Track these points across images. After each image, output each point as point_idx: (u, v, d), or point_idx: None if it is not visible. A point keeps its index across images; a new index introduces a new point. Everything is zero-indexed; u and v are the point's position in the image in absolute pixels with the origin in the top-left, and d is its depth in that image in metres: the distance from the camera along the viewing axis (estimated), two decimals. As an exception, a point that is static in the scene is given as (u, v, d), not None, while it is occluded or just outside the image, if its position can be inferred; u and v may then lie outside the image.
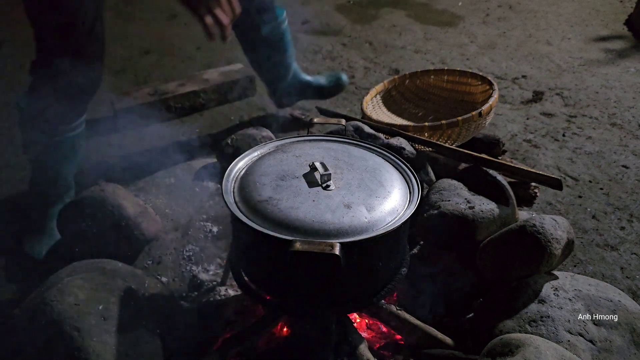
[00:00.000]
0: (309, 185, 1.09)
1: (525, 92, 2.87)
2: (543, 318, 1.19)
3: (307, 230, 0.98)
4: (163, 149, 2.36)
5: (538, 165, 2.21)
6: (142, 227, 1.55)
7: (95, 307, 1.14)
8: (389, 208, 1.06)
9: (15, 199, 2.05)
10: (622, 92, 2.80)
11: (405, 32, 3.75)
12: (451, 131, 1.81)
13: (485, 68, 3.17)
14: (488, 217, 1.41)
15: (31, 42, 1.58)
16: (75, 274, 1.25)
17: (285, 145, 1.30)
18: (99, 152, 2.37)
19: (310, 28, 3.78)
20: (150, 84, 2.81)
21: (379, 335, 1.34)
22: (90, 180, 2.13)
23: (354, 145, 1.31)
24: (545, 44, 3.50)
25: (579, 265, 1.67)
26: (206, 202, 1.75)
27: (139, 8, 4.13)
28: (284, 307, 1.13)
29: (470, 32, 3.75)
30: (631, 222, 1.86)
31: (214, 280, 1.48)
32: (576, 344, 1.13)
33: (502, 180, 1.59)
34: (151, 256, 1.56)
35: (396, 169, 1.22)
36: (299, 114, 2.58)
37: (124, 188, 1.63)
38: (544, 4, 4.26)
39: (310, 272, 1.02)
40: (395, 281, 1.15)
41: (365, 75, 3.11)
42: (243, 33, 2.15)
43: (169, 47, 3.49)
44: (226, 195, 1.09)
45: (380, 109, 2.25)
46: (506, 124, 2.54)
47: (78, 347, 1.06)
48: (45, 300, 1.12)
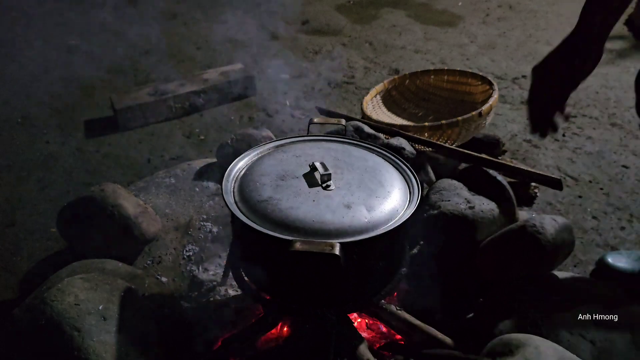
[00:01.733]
0: (309, 185, 1.09)
1: (525, 92, 2.86)
2: (543, 318, 1.19)
3: (307, 230, 0.98)
4: (163, 148, 2.36)
5: (538, 165, 2.21)
6: (142, 227, 1.55)
7: (95, 307, 1.13)
8: (389, 208, 1.06)
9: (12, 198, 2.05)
10: (622, 92, 2.80)
11: (405, 32, 3.75)
12: (451, 131, 1.81)
13: (485, 68, 3.17)
14: (488, 217, 1.41)
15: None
16: (75, 274, 1.25)
17: (285, 145, 1.30)
18: (99, 152, 2.37)
19: (310, 28, 3.78)
20: (150, 84, 2.81)
21: (379, 335, 1.34)
22: (90, 180, 2.14)
23: (354, 145, 1.31)
24: (545, 44, 3.50)
25: (579, 265, 1.67)
26: (206, 202, 1.75)
27: (139, 8, 4.13)
28: (284, 307, 1.12)
29: (470, 32, 3.75)
30: (631, 222, 1.86)
31: (214, 280, 1.48)
32: (576, 344, 1.13)
33: (502, 180, 1.59)
34: (151, 256, 1.56)
35: (396, 169, 1.22)
36: (299, 114, 2.58)
37: (124, 188, 1.63)
38: (544, 4, 4.25)
39: (310, 272, 1.02)
40: (395, 281, 1.15)
41: (365, 75, 3.11)
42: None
43: (169, 47, 3.49)
44: (226, 195, 1.08)
45: (380, 109, 2.25)
46: (506, 124, 2.54)
47: (78, 347, 1.06)
48: (45, 300, 1.12)
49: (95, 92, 2.93)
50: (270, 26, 3.56)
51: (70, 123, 2.62)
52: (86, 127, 2.59)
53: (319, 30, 3.78)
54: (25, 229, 1.87)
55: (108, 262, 1.34)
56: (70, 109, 2.75)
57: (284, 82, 3.02)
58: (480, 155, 1.61)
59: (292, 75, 3.09)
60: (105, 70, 3.17)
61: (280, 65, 3.21)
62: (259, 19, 3.75)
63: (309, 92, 2.87)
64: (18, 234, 1.85)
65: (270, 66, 3.23)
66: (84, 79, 3.07)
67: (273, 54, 3.36)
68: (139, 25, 3.67)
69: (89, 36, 3.64)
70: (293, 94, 2.87)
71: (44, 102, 2.81)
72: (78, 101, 2.83)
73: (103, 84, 3.02)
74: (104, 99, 2.77)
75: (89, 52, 3.42)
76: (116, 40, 3.54)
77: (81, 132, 2.54)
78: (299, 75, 3.08)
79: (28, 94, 2.90)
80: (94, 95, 2.89)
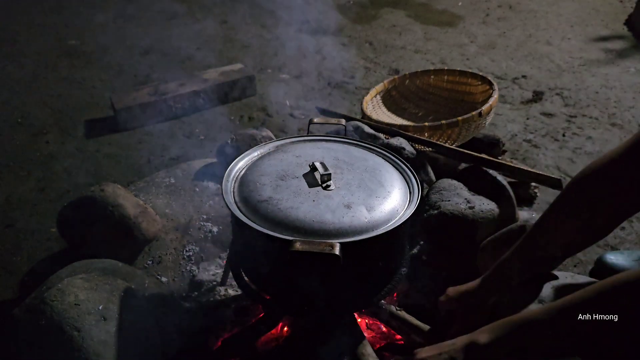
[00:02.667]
0: (309, 185, 1.09)
1: (525, 92, 2.87)
2: (543, 318, 1.18)
3: (307, 230, 0.98)
4: (163, 149, 2.36)
5: (538, 165, 2.21)
6: (142, 227, 1.55)
7: (95, 307, 1.13)
8: (389, 208, 1.06)
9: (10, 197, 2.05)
10: (622, 92, 2.80)
11: (405, 32, 3.75)
12: (451, 131, 1.81)
13: (485, 68, 3.17)
14: (488, 217, 1.41)
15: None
16: (75, 274, 1.25)
17: (285, 145, 1.30)
18: (99, 152, 2.37)
19: (310, 28, 3.78)
20: (150, 84, 2.81)
21: (379, 335, 1.34)
22: (90, 180, 2.14)
23: (354, 145, 1.31)
24: (545, 44, 3.50)
25: (579, 265, 1.67)
26: (206, 202, 1.75)
27: (139, 8, 4.13)
28: (284, 307, 1.12)
29: (470, 32, 3.75)
30: (631, 222, 1.86)
31: (214, 280, 1.48)
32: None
33: (502, 180, 1.59)
34: (151, 256, 1.56)
35: (396, 169, 1.22)
36: (299, 114, 2.58)
37: (124, 188, 1.63)
38: (544, 4, 4.26)
39: (310, 272, 1.02)
40: (395, 281, 1.15)
41: (365, 75, 3.11)
42: None
43: (169, 47, 3.49)
44: (226, 195, 1.08)
45: (380, 109, 2.25)
46: (506, 124, 2.54)
47: (78, 347, 1.06)
48: (45, 300, 1.12)
49: (95, 92, 2.93)
50: (270, 26, 3.56)
51: (70, 123, 2.62)
52: (86, 127, 2.59)
53: (319, 30, 3.78)
54: (25, 229, 1.87)
55: (108, 262, 1.34)
56: (70, 108, 2.75)
57: (284, 82, 3.02)
58: (480, 155, 1.61)
59: (292, 75, 3.10)
60: (106, 70, 3.18)
61: (280, 66, 3.21)
62: (259, 19, 3.75)
63: (309, 92, 2.87)
64: (18, 234, 1.85)
65: (270, 66, 3.23)
66: (84, 79, 3.08)
67: (273, 54, 3.37)
68: (139, 25, 3.67)
69: (89, 36, 3.64)
70: (293, 94, 2.87)
71: (44, 102, 2.81)
72: (78, 101, 2.83)
73: (103, 84, 3.02)
74: (104, 99, 2.77)
75: (89, 52, 3.42)
76: (116, 40, 3.54)
77: (81, 132, 2.54)
78: (299, 75, 3.09)
79: (28, 94, 2.90)
80: (94, 95, 2.89)
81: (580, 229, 0.94)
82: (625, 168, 0.87)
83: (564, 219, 0.95)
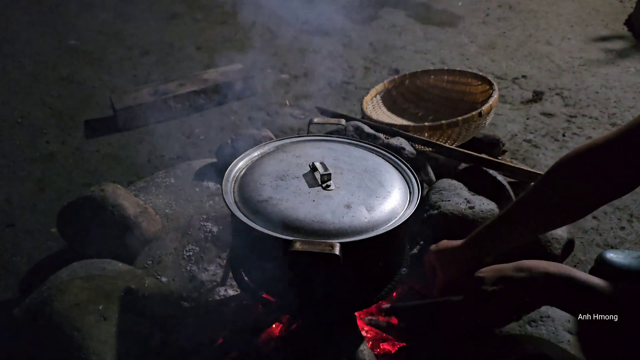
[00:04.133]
0: (309, 185, 1.09)
1: (525, 92, 2.87)
2: (543, 318, 1.19)
3: (307, 230, 0.98)
4: (163, 149, 2.36)
5: (538, 165, 2.21)
6: (142, 227, 1.55)
7: (95, 307, 1.14)
8: (389, 208, 1.06)
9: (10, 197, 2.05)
10: (622, 92, 2.80)
11: (405, 32, 3.75)
12: (451, 131, 1.81)
13: (485, 68, 3.17)
14: (488, 217, 1.40)
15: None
16: (75, 274, 1.25)
17: (285, 145, 1.30)
18: (99, 152, 2.37)
19: (310, 28, 3.77)
20: (150, 84, 2.81)
21: (379, 336, 1.33)
22: (90, 180, 2.14)
23: (354, 145, 1.31)
24: (545, 44, 3.50)
25: (579, 265, 1.67)
26: (206, 202, 1.75)
27: (139, 8, 4.13)
28: (284, 307, 1.12)
29: (470, 32, 3.75)
30: (631, 222, 1.86)
31: (214, 280, 1.48)
32: (576, 344, 1.13)
33: (502, 180, 1.59)
34: (151, 256, 1.56)
35: (396, 169, 1.22)
36: (299, 114, 2.59)
37: (124, 188, 1.63)
38: (544, 4, 4.25)
39: (310, 272, 1.02)
40: (395, 281, 1.15)
41: (365, 75, 3.11)
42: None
43: (169, 47, 3.49)
44: (226, 195, 1.08)
45: (380, 109, 2.25)
46: (506, 124, 2.54)
47: (78, 347, 1.06)
48: (45, 300, 1.12)
49: (95, 92, 2.93)
50: (270, 26, 3.56)
51: (70, 123, 2.62)
52: (86, 127, 2.59)
53: (319, 30, 3.78)
54: (25, 229, 1.87)
55: (108, 262, 1.34)
56: (70, 108, 2.75)
57: (284, 82, 3.02)
58: (480, 155, 1.61)
59: (292, 75, 3.10)
60: (106, 70, 3.18)
61: (281, 66, 3.21)
62: (259, 19, 3.75)
63: (309, 92, 2.87)
64: (18, 234, 1.85)
65: (270, 66, 3.23)
66: (84, 79, 3.08)
67: (273, 54, 3.36)
68: (139, 25, 3.67)
69: (89, 36, 3.64)
70: (293, 94, 2.88)
71: (44, 102, 2.81)
72: (78, 101, 2.83)
73: (103, 84, 3.02)
74: (104, 99, 2.77)
75: (89, 52, 3.42)
76: (116, 40, 3.54)
77: (81, 132, 2.54)
78: (298, 75, 3.09)
79: (28, 94, 2.90)
80: (94, 95, 2.89)
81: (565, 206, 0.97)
82: (609, 150, 0.92)
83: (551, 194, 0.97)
